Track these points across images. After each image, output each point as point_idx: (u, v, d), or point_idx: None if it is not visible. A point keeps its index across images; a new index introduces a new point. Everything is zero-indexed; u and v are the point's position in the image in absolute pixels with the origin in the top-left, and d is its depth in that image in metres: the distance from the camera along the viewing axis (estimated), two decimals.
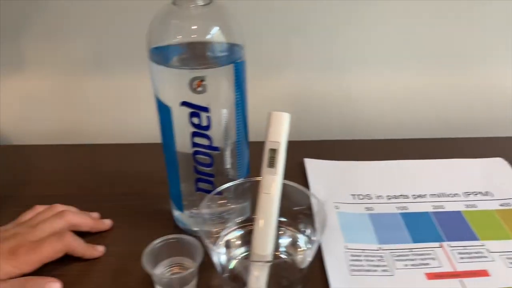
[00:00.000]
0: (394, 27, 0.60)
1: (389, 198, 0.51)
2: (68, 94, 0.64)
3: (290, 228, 0.41)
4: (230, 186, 0.41)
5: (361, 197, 0.51)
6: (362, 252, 0.44)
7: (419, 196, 0.51)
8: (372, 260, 0.43)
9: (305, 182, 0.53)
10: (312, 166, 0.56)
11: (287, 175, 0.39)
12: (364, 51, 0.62)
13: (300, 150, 0.58)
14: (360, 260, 0.43)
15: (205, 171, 0.42)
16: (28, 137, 0.65)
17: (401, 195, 0.51)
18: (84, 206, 0.49)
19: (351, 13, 0.59)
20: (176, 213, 0.47)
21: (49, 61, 0.61)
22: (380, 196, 0.51)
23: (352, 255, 0.43)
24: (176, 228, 0.47)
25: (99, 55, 0.61)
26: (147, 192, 0.52)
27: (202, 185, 0.42)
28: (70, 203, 0.48)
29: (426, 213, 0.49)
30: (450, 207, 0.50)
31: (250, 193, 0.43)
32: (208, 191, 0.43)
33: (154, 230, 0.47)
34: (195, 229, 0.46)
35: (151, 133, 0.64)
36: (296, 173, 0.55)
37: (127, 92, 0.63)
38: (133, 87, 0.63)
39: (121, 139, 0.65)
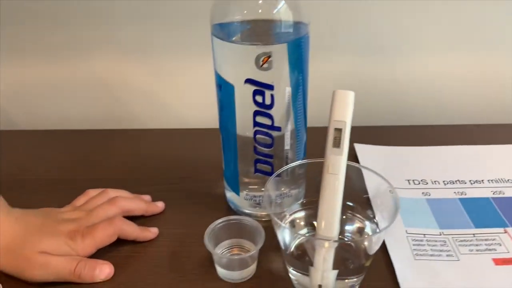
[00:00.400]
0: (443, 11, 0.58)
1: (446, 184, 0.50)
2: (115, 79, 0.63)
3: (357, 215, 0.40)
4: (292, 167, 0.40)
5: (416, 182, 0.50)
6: (424, 237, 0.43)
7: (477, 181, 0.50)
8: (435, 245, 0.42)
9: None
10: (363, 151, 0.55)
11: None
12: (415, 34, 0.60)
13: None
14: (423, 245, 0.42)
15: (265, 152, 0.41)
16: (77, 122, 0.65)
17: (457, 180, 0.50)
18: (135, 189, 0.49)
19: None
20: (230, 195, 0.46)
21: (97, 45, 0.61)
22: (436, 181, 0.50)
23: (414, 240, 0.42)
24: (229, 210, 0.47)
25: (146, 38, 0.61)
26: (197, 175, 0.52)
27: (261, 166, 0.42)
28: (121, 187, 0.48)
29: (486, 198, 0.47)
30: (510, 192, 0.48)
31: (306, 175, 0.42)
32: (267, 173, 0.42)
33: (207, 213, 0.47)
34: (247, 211, 0.45)
35: (196, 118, 0.65)
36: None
37: (172, 77, 0.63)
38: (179, 72, 0.62)
39: (167, 124, 0.64)
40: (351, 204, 0.40)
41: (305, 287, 0.37)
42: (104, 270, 0.39)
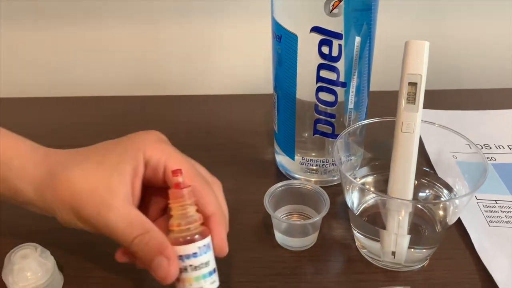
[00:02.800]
0: None
1: (511, 148, 0.46)
2: (144, 43, 0.60)
3: (433, 181, 0.37)
4: (359, 126, 0.37)
5: (479, 147, 0.47)
6: (496, 203, 0.40)
7: None
8: (509, 211, 0.39)
9: None
10: None
11: None
12: None
13: None
14: (496, 211, 0.39)
15: (327, 111, 0.37)
16: (110, 89, 0.61)
17: None
18: None
19: None
20: (282, 160, 0.43)
21: (129, 7, 0.57)
22: (500, 146, 0.47)
23: (485, 206, 0.39)
24: (281, 176, 0.44)
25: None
26: (241, 141, 0.49)
27: (321, 127, 0.38)
28: None
29: None
30: None
31: (374, 137, 0.39)
32: (327, 134, 0.39)
33: (257, 179, 0.44)
34: (300, 176, 0.42)
35: (234, 85, 0.62)
36: None
37: (206, 40, 0.59)
38: (212, 34, 0.59)
39: (204, 90, 0.61)
40: (427, 169, 0.38)
41: (374, 255, 0.35)
42: (162, 268, 0.27)
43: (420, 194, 0.37)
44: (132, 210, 0.29)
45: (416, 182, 0.36)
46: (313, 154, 0.41)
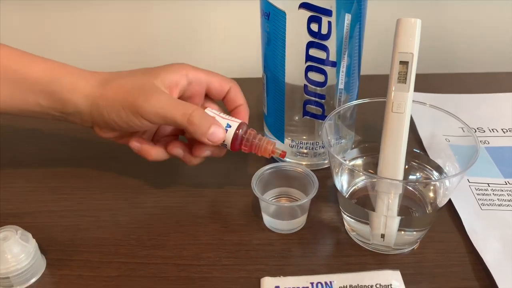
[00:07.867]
0: None
1: (505, 132, 0.46)
2: (133, 27, 0.59)
3: (424, 164, 0.37)
4: (349, 108, 0.36)
5: (472, 130, 0.46)
6: (488, 186, 0.39)
7: None
8: (502, 195, 0.38)
9: None
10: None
11: None
12: None
13: None
14: (489, 194, 0.38)
15: (316, 92, 0.37)
16: None
17: None
18: None
19: None
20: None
21: None
22: (494, 129, 0.46)
23: (477, 189, 0.39)
24: (271, 159, 0.42)
25: None
26: None
27: (310, 108, 0.37)
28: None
29: None
30: None
31: (364, 118, 0.38)
32: (317, 116, 0.38)
33: (247, 162, 0.43)
34: (290, 160, 0.41)
35: (221, 69, 0.61)
36: None
37: (196, 23, 0.58)
38: (202, 17, 0.58)
39: None
40: (418, 151, 0.37)
41: (363, 238, 0.34)
42: (217, 134, 0.34)
43: (411, 176, 0.37)
44: (174, 97, 0.35)
45: (406, 165, 0.35)
46: (304, 137, 0.40)
